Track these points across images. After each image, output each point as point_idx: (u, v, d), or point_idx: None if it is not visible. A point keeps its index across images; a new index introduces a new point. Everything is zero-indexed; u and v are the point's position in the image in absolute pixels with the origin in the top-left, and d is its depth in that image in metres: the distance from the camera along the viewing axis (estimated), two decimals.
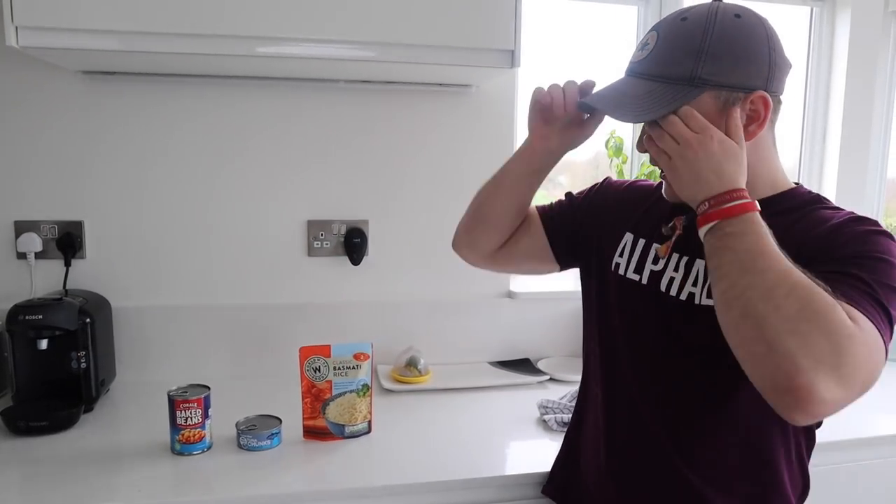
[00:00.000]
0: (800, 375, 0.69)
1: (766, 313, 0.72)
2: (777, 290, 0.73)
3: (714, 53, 0.87)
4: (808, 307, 0.71)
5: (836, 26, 2.21)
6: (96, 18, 1.27)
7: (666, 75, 0.89)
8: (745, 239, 0.79)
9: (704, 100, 0.87)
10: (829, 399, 0.69)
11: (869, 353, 0.73)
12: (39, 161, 1.60)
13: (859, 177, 2.23)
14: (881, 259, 0.81)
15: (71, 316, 1.39)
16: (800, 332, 0.70)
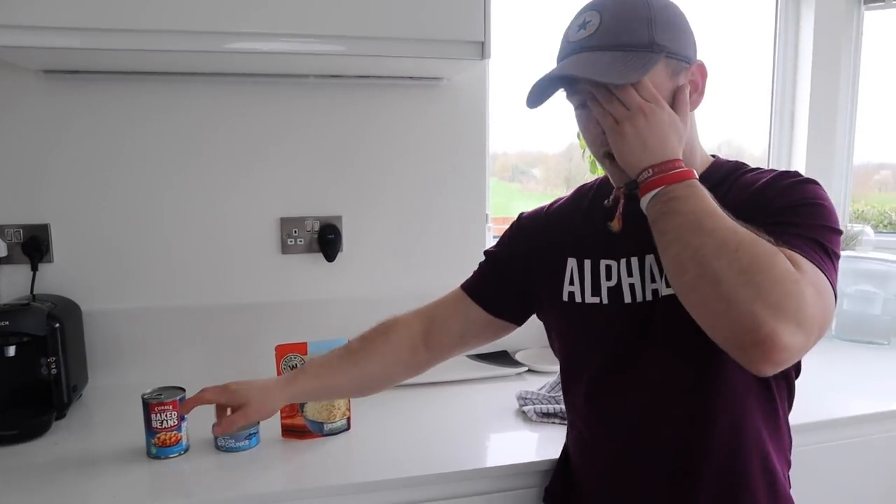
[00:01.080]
0: (763, 326, 0.71)
1: (720, 269, 0.75)
2: (727, 245, 0.76)
3: (661, 22, 0.90)
4: (756, 258, 0.74)
5: (801, 14, 2.24)
6: (58, 15, 1.23)
7: (626, 43, 0.89)
8: (689, 201, 0.81)
9: (659, 67, 0.90)
10: (792, 345, 0.72)
11: (818, 294, 0.76)
12: (1, 163, 1.56)
13: (827, 163, 2.26)
14: (812, 204, 0.86)
15: (39, 321, 1.36)
16: (753, 283, 0.73)
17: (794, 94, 2.29)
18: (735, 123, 2.37)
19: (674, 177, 0.83)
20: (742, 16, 2.31)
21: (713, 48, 2.25)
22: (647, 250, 0.95)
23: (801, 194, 0.87)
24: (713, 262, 0.76)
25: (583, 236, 1.05)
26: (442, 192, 1.81)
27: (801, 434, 1.36)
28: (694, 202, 0.81)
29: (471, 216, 1.84)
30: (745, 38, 2.32)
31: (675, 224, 0.81)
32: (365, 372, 1.15)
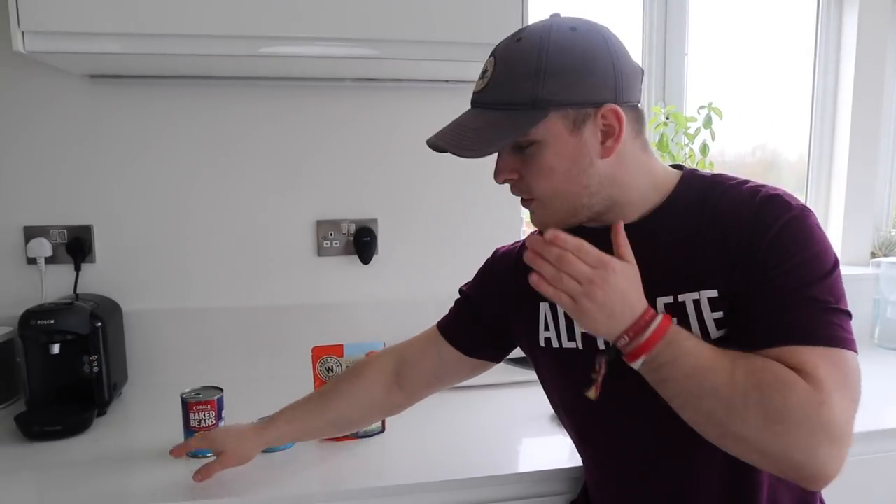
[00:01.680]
0: (803, 469, 0.73)
1: (740, 430, 0.74)
2: (734, 405, 0.74)
3: (553, 71, 0.82)
4: (770, 408, 0.73)
5: (844, 17, 2.19)
6: (101, 22, 1.26)
7: (506, 101, 0.84)
8: (678, 364, 0.78)
9: (552, 122, 0.83)
10: (838, 465, 0.73)
11: (843, 387, 0.75)
12: (47, 166, 1.60)
13: (870, 168, 2.21)
14: (814, 257, 0.81)
15: (82, 320, 1.39)
16: (778, 434, 0.73)
17: (836, 96, 2.23)
18: (772, 127, 2.33)
19: (652, 339, 0.79)
20: (783, 16, 2.26)
21: (753, 50, 2.22)
22: None
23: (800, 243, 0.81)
24: (730, 425, 0.75)
25: (511, 279, 1.04)
26: (477, 196, 1.81)
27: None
28: (683, 362, 0.78)
29: (506, 220, 1.83)
30: (786, 39, 2.28)
31: (675, 392, 0.79)
32: (339, 414, 1.16)
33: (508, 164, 0.89)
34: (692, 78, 2.14)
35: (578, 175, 0.86)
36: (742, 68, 2.23)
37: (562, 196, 0.88)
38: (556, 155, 0.85)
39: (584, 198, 0.88)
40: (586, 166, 0.86)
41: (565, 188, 0.87)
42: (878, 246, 2.28)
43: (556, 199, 0.88)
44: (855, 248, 2.23)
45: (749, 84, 2.24)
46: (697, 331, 0.85)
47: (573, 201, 0.88)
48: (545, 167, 0.86)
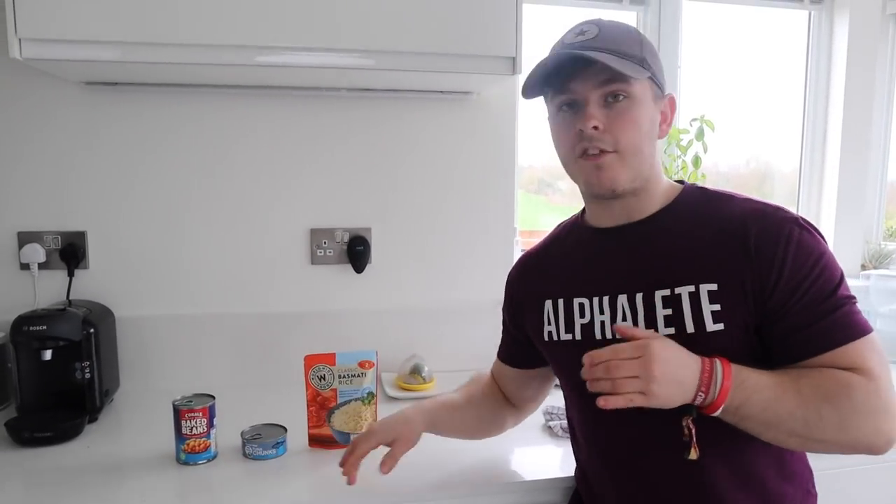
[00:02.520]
0: (873, 446, 0.86)
1: (820, 436, 0.85)
2: (810, 419, 0.84)
3: (650, 49, 0.97)
4: (842, 412, 0.84)
5: (835, 30, 2.22)
6: (97, 29, 1.27)
7: (625, 52, 0.93)
8: (751, 403, 0.85)
9: (647, 85, 0.95)
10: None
11: (884, 365, 0.88)
12: (42, 172, 1.61)
13: (860, 179, 2.23)
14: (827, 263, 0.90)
15: (75, 326, 1.39)
16: (852, 427, 0.85)
17: (827, 108, 2.26)
18: (764, 139, 2.35)
19: (724, 391, 0.84)
20: (774, 29, 2.29)
21: (745, 63, 2.24)
22: (619, 290, 0.98)
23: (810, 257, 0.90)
24: (811, 435, 0.86)
25: (557, 276, 1.09)
26: (471, 205, 1.82)
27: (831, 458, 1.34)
28: (755, 400, 0.84)
29: (499, 229, 1.84)
30: (777, 51, 2.30)
31: (755, 424, 0.86)
32: (480, 420, 1.23)
33: (597, 113, 0.94)
34: (685, 90, 2.16)
35: (650, 139, 0.97)
36: (734, 81, 2.25)
37: (639, 152, 0.95)
38: (643, 114, 0.95)
39: (646, 164, 0.97)
40: (654, 135, 0.98)
41: (643, 145, 0.96)
42: (869, 258, 2.30)
43: (634, 153, 0.95)
44: (845, 260, 2.25)
45: (741, 96, 2.27)
46: (691, 322, 0.91)
47: (642, 161, 0.96)
48: (635, 120, 0.94)
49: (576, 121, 0.95)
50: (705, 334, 0.90)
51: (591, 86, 0.93)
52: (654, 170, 0.99)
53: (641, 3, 2.11)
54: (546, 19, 2.03)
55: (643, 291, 0.96)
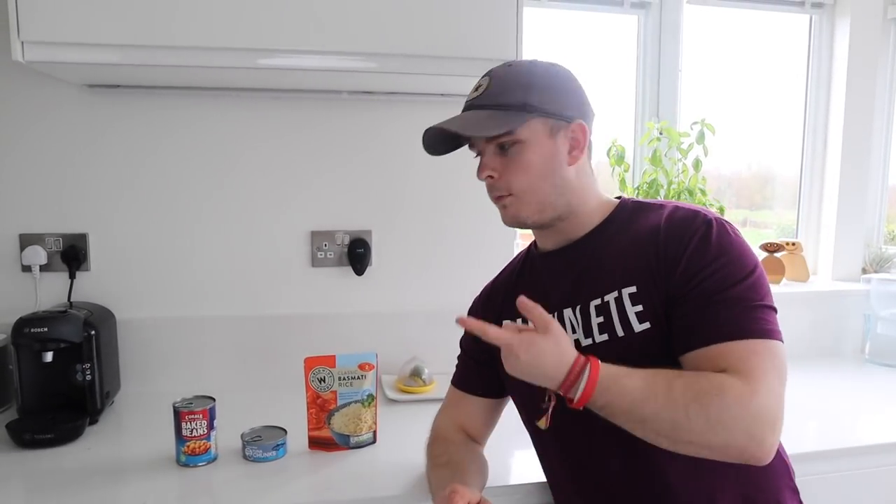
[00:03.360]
0: (745, 451, 0.83)
1: (687, 438, 0.84)
2: (677, 420, 0.84)
3: (539, 86, 1.00)
4: (710, 412, 0.83)
5: (836, 34, 2.23)
6: (99, 32, 1.28)
7: (501, 103, 1.00)
8: (616, 404, 0.87)
9: (535, 124, 0.99)
10: (774, 440, 0.84)
11: (773, 372, 0.87)
12: (44, 174, 1.61)
13: (861, 183, 2.23)
14: (732, 261, 0.92)
15: (76, 328, 1.39)
16: (720, 430, 0.83)
17: (828, 112, 2.26)
18: (765, 143, 2.35)
19: (587, 391, 0.86)
20: (775, 33, 2.29)
21: (746, 67, 2.25)
22: (564, 305, 1.04)
23: (720, 248, 0.92)
24: (679, 437, 0.85)
25: (510, 300, 1.09)
26: (471, 207, 1.82)
27: (827, 460, 1.34)
28: (621, 400, 0.86)
29: (499, 231, 1.82)
30: (779, 56, 2.31)
31: (624, 422, 0.88)
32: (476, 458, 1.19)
33: (491, 162, 1.03)
34: (686, 94, 2.17)
35: (550, 174, 1.01)
36: (735, 85, 2.26)
37: (535, 191, 1.01)
38: (535, 154, 1.00)
39: (552, 196, 1.02)
40: (556, 167, 1.01)
41: (539, 184, 1.01)
42: (869, 262, 2.30)
43: (530, 193, 1.01)
44: (846, 264, 2.25)
45: (742, 100, 2.27)
46: (620, 326, 0.96)
47: (543, 197, 1.02)
48: (525, 163, 1.00)
49: (483, 169, 1.04)
50: (634, 335, 0.95)
51: (484, 139, 1.02)
52: (574, 196, 1.03)
53: (642, 7, 2.12)
54: (547, 22, 2.04)
55: (581, 304, 1.02)
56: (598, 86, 2.16)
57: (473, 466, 1.12)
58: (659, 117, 2.12)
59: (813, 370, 1.92)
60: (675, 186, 2.03)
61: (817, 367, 1.95)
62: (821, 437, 1.46)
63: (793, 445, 1.34)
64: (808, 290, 2.11)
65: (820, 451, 1.35)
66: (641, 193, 2.05)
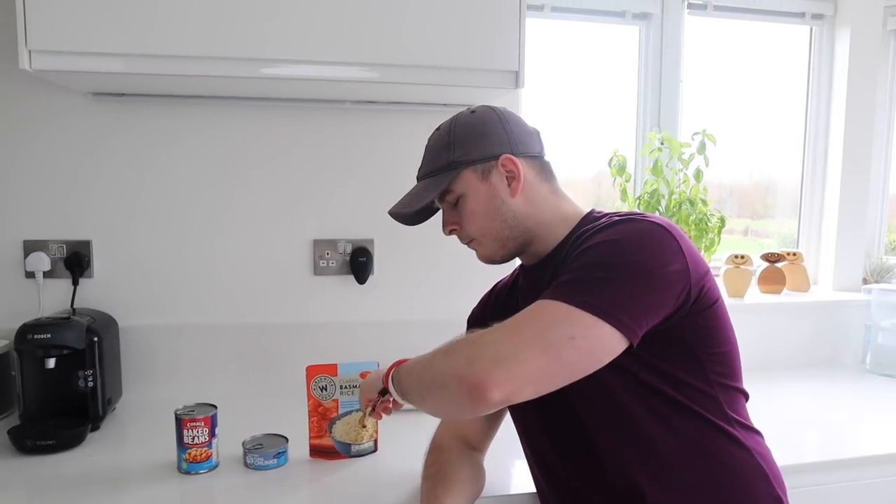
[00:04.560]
0: (465, 380, 0.84)
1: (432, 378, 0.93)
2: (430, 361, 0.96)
3: (459, 140, 1.08)
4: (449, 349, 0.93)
5: (836, 45, 2.24)
6: (105, 42, 1.29)
7: (432, 170, 1.11)
8: (405, 372, 1.02)
9: (466, 176, 1.07)
10: (499, 377, 0.83)
11: (522, 324, 0.88)
12: (49, 181, 1.62)
13: (861, 193, 2.24)
14: (590, 248, 0.94)
15: (79, 335, 1.40)
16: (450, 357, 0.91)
17: (828, 122, 2.27)
18: (766, 152, 2.36)
19: (386, 374, 1.06)
20: (776, 44, 2.30)
21: (747, 77, 2.25)
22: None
23: (588, 243, 0.95)
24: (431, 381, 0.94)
25: (506, 307, 1.14)
26: None
27: (828, 471, 1.35)
28: (408, 370, 1.01)
29: None
30: (779, 66, 2.32)
31: (413, 392, 1.00)
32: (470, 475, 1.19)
33: (450, 218, 1.13)
34: (687, 104, 2.18)
35: (495, 212, 1.08)
36: (736, 95, 2.27)
37: (488, 231, 1.09)
38: (476, 201, 1.08)
39: (504, 230, 1.08)
40: (499, 205, 1.07)
41: (488, 225, 1.08)
42: (870, 272, 2.30)
43: (485, 234, 1.10)
44: (847, 274, 2.25)
45: (743, 111, 2.28)
46: None
47: (497, 234, 1.09)
48: (470, 212, 1.09)
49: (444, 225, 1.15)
50: None
51: (438, 201, 1.13)
52: (530, 220, 1.08)
53: (644, 19, 2.13)
54: (549, 33, 2.05)
55: None
56: (600, 96, 2.17)
57: (461, 475, 1.13)
58: (660, 128, 2.13)
59: (813, 380, 1.92)
60: (676, 196, 2.04)
61: (818, 378, 1.95)
62: (821, 447, 1.47)
63: (794, 456, 1.35)
64: (808, 300, 2.11)
65: (820, 462, 1.35)
66: (643, 203, 2.05)
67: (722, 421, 0.98)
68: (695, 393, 0.97)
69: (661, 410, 0.96)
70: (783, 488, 1.02)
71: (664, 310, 0.91)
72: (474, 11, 1.41)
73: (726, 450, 0.97)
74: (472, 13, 1.41)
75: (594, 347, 0.87)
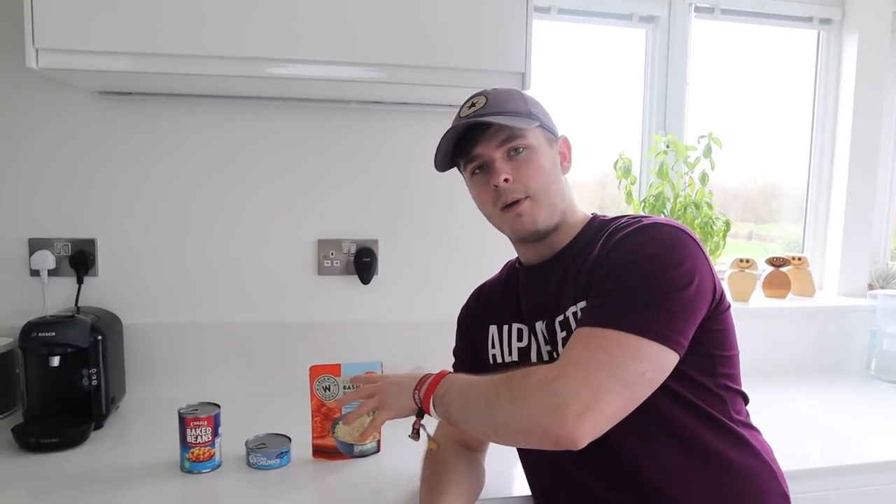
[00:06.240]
0: (549, 430, 0.84)
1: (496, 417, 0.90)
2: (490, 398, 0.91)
3: (533, 102, 1.10)
4: (513, 390, 0.89)
5: (843, 50, 2.23)
6: (112, 40, 1.29)
7: (511, 110, 1.05)
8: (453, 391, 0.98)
9: (539, 133, 1.07)
10: (585, 424, 0.83)
11: (590, 359, 0.86)
12: (54, 179, 1.62)
13: (867, 199, 2.23)
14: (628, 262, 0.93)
15: (83, 333, 1.40)
16: (520, 408, 0.87)
17: (835, 127, 2.26)
18: (772, 156, 2.35)
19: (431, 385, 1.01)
20: (783, 47, 2.30)
21: (753, 81, 2.25)
22: (536, 318, 1.10)
23: (620, 253, 0.95)
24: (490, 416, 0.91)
25: (501, 304, 1.18)
26: (477, 217, 1.81)
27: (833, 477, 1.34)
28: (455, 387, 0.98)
29: (506, 242, 1.83)
30: (786, 69, 2.31)
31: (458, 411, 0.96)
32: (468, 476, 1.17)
33: (504, 167, 1.05)
34: (693, 108, 2.17)
35: (556, 178, 1.08)
36: (743, 99, 2.26)
37: (550, 191, 1.06)
38: (543, 158, 1.06)
39: (557, 199, 1.07)
40: (558, 174, 1.09)
41: (551, 186, 1.06)
42: (876, 277, 2.29)
43: (546, 193, 1.06)
44: (852, 279, 2.24)
45: (750, 114, 2.27)
46: None
47: (555, 199, 1.07)
48: (538, 165, 1.05)
49: (489, 178, 1.06)
50: None
51: (493, 146, 1.05)
52: (566, 203, 1.09)
53: (651, 22, 2.12)
54: (556, 35, 2.05)
55: (547, 320, 1.07)
56: (606, 98, 2.17)
57: (460, 477, 1.12)
58: (666, 130, 2.13)
59: (818, 386, 1.91)
60: (681, 200, 2.03)
61: (822, 383, 1.94)
62: (825, 453, 1.46)
63: (798, 461, 1.35)
64: (813, 306, 2.11)
65: (825, 468, 1.34)
66: (648, 206, 2.05)
67: (728, 420, 1.00)
68: (704, 393, 0.98)
69: (675, 410, 0.97)
70: (787, 485, 1.04)
71: (700, 316, 0.94)
72: (482, 13, 1.41)
73: (735, 449, 0.99)
74: (479, 14, 1.41)
75: (661, 375, 0.90)
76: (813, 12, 2.21)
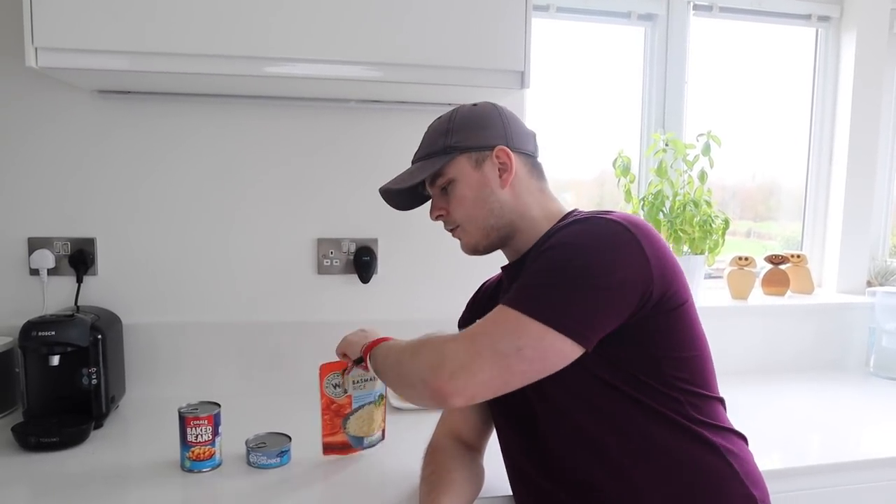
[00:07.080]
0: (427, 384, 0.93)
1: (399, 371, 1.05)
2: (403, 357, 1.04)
3: (457, 128, 1.11)
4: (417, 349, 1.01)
5: (842, 48, 2.23)
6: (111, 39, 1.29)
7: (428, 153, 1.14)
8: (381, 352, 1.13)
9: (460, 161, 1.10)
10: (456, 383, 0.91)
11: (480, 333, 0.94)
12: (54, 178, 1.62)
13: (866, 197, 2.23)
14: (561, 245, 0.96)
15: (83, 332, 1.40)
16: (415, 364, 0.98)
17: (833, 125, 2.27)
18: (770, 154, 2.36)
19: (369, 346, 1.17)
20: (781, 45, 2.30)
21: (752, 79, 2.25)
22: None
23: (550, 243, 0.98)
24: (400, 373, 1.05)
25: (490, 301, 1.19)
26: None
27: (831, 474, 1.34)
28: (385, 350, 1.12)
29: None
30: (784, 68, 2.31)
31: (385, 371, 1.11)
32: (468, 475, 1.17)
33: (438, 203, 1.15)
34: (692, 106, 2.17)
35: (483, 201, 1.10)
36: (741, 97, 2.26)
37: (476, 218, 1.11)
38: (466, 187, 1.10)
39: (490, 220, 1.11)
40: (489, 194, 1.10)
41: (476, 212, 1.11)
42: (874, 275, 2.30)
43: (470, 222, 1.12)
44: (851, 276, 2.25)
45: (748, 112, 2.28)
46: None
47: (483, 223, 1.11)
48: (459, 197, 1.11)
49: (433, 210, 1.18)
50: None
51: (430, 187, 1.16)
52: (515, 214, 1.11)
53: (649, 20, 2.13)
54: (555, 34, 2.05)
55: None
56: (605, 97, 2.17)
57: (458, 476, 1.12)
58: (665, 129, 2.13)
59: (817, 383, 1.92)
60: (680, 198, 2.03)
61: (821, 380, 1.94)
62: (824, 450, 1.46)
63: (797, 459, 1.35)
64: (812, 303, 2.11)
65: (823, 465, 1.34)
66: (647, 204, 2.05)
67: (685, 420, 0.97)
68: (654, 393, 0.97)
69: (619, 408, 0.97)
70: (761, 487, 1.01)
71: (620, 312, 0.93)
72: (480, 11, 1.41)
73: (690, 445, 0.97)
74: (477, 13, 1.41)
75: (544, 356, 0.91)
76: (811, 10, 2.21)
